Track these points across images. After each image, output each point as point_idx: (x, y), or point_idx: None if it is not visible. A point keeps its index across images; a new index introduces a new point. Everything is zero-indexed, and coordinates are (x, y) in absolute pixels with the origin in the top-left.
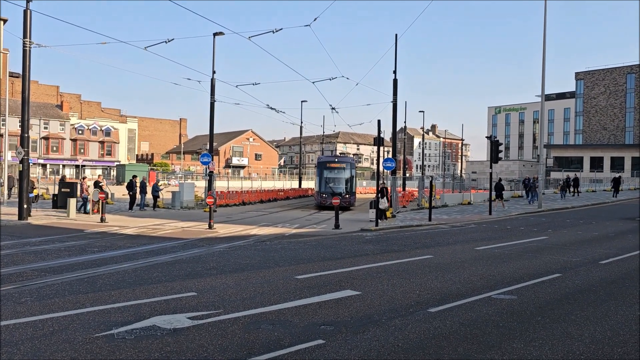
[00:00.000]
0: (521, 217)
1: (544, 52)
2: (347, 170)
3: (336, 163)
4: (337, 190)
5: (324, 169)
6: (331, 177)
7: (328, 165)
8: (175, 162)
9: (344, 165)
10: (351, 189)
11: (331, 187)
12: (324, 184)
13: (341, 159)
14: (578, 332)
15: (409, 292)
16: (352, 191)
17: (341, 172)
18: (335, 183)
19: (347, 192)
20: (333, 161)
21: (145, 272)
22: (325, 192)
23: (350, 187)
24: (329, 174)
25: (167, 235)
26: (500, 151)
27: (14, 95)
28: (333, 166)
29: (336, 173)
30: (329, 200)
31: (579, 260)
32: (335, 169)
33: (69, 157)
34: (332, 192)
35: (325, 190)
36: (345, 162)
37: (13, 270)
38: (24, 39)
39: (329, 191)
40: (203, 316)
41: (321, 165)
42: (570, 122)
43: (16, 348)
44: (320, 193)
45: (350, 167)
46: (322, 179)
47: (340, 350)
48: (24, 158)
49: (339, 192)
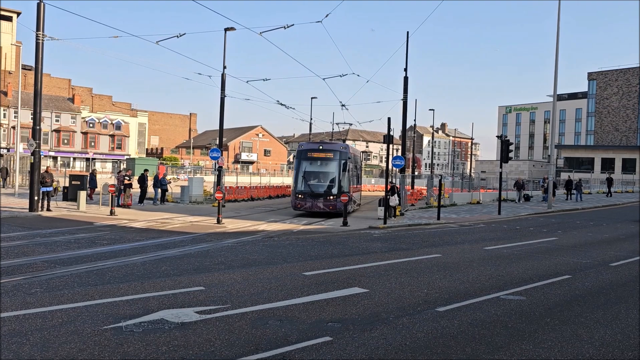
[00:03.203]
0: (530, 217)
1: (556, 52)
2: (335, 161)
3: (320, 151)
4: (318, 190)
5: (303, 160)
6: (312, 170)
7: (309, 155)
8: (184, 157)
9: (330, 154)
10: (341, 188)
11: (310, 186)
12: (301, 181)
13: (328, 146)
14: (588, 335)
15: (416, 291)
16: (343, 190)
17: (327, 163)
18: (318, 179)
19: (335, 191)
20: (316, 149)
21: (153, 266)
22: (303, 192)
23: (340, 184)
24: (310, 166)
25: (176, 230)
26: (510, 151)
27: (27, 88)
28: (315, 156)
29: (319, 165)
30: (307, 203)
31: (589, 262)
32: (319, 160)
33: (80, 150)
34: (312, 192)
35: (302, 190)
36: (333, 150)
37: (23, 261)
38: (37, 32)
39: (307, 191)
40: (210, 311)
41: (300, 154)
42: (582, 122)
43: (25, 338)
44: (296, 193)
45: (340, 156)
46: (300, 173)
47: (348, 348)
48: (36, 150)
49: (322, 191)
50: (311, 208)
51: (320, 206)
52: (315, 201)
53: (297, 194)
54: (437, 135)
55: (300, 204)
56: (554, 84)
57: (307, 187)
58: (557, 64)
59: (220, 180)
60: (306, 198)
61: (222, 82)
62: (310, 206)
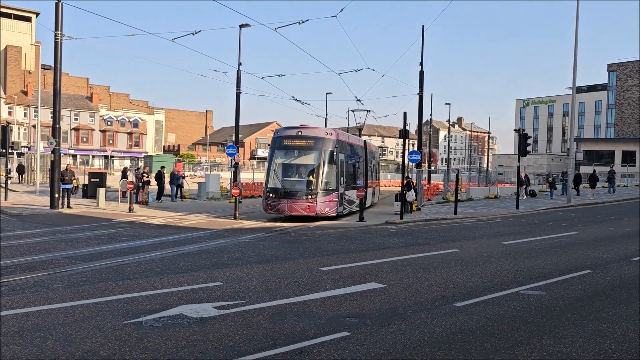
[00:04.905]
0: (549, 212)
1: (575, 43)
2: (317, 151)
3: (298, 139)
4: (293, 187)
5: (277, 149)
6: (288, 163)
7: (285, 143)
8: (201, 154)
9: (311, 142)
10: (326, 185)
11: (284, 183)
12: (273, 176)
13: (308, 132)
14: (610, 330)
15: (434, 286)
16: (328, 189)
17: (307, 154)
18: (294, 174)
19: (315, 190)
20: (293, 136)
21: (172, 262)
22: (275, 191)
23: (323, 181)
24: (285, 157)
25: (194, 226)
26: (528, 144)
27: (46, 87)
28: (292, 144)
29: (297, 156)
30: (280, 204)
31: (610, 257)
32: (296, 149)
33: (98, 147)
34: (285, 190)
35: (274, 187)
36: (315, 137)
37: (45, 257)
38: (56, 32)
39: (279, 189)
40: (229, 306)
41: (275, 143)
42: (602, 115)
43: (48, 333)
44: (267, 192)
45: (324, 145)
46: (272, 166)
47: (366, 343)
48: (56, 148)
49: (298, 190)
50: (284, 210)
51: (296, 208)
52: (289, 202)
53: (268, 193)
54: (454, 129)
55: (271, 206)
56: (573, 76)
57: (280, 184)
58: (576, 56)
59: (236, 176)
60: (279, 198)
61: (238, 79)
62: (284, 208)
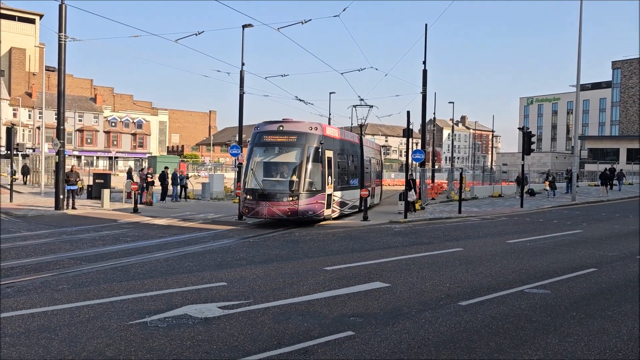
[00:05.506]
0: (554, 210)
1: (579, 41)
2: (299, 147)
3: (279, 134)
4: (273, 188)
5: (257, 146)
6: (267, 161)
7: (265, 140)
8: (205, 154)
9: (293, 137)
10: (311, 185)
11: (263, 183)
12: (251, 176)
13: (291, 127)
14: (615, 329)
15: (438, 285)
16: (313, 189)
17: (288, 151)
18: (274, 174)
19: (297, 191)
20: (274, 131)
21: (176, 262)
22: (252, 192)
23: (307, 181)
24: (265, 154)
25: (198, 226)
26: (532, 143)
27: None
28: (273, 140)
29: (278, 153)
30: (258, 207)
31: (616, 255)
32: (277, 146)
33: (103, 149)
34: (264, 191)
35: (252, 188)
36: (298, 132)
37: (51, 258)
38: (59, 34)
39: (257, 189)
40: (233, 306)
41: (254, 139)
42: (606, 112)
43: (54, 334)
44: (245, 193)
45: (308, 141)
46: (251, 164)
47: (370, 342)
48: (60, 150)
49: (278, 191)
50: (263, 214)
51: (276, 211)
52: (268, 205)
53: (246, 195)
54: (457, 128)
55: (248, 209)
56: (577, 74)
57: (258, 185)
58: (580, 53)
59: (240, 176)
60: (257, 200)
61: (241, 79)
62: (262, 211)
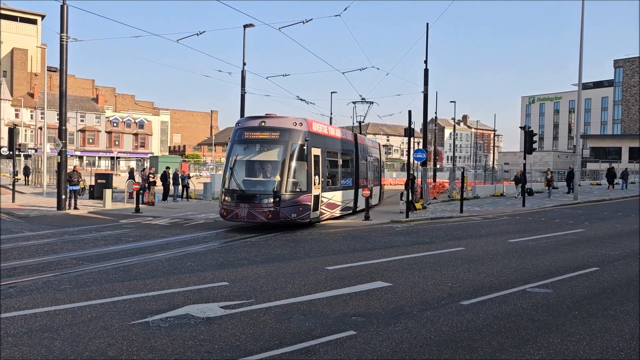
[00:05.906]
0: (556, 209)
1: (581, 39)
2: (282, 145)
3: (261, 131)
4: (253, 189)
5: (237, 144)
6: (248, 159)
7: (246, 136)
8: (206, 154)
9: (276, 134)
10: (295, 185)
11: (243, 184)
12: (230, 176)
13: (273, 122)
14: (617, 328)
15: (440, 284)
16: (297, 189)
17: (270, 148)
18: (255, 173)
19: (279, 192)
20: (255, 127)
21: (178, 262)
22: (231, 193)
23: (290, 181)
24: (245, 152)
25: (200, 226)
26: (534, 142)
27: (52, 89)
28: (254, 137)
29: (259, 151)
30: (237, 209)
31: (618, 254)
32: (258, 144)
33: (105, 149)
34: (243, 192)
35: (231, 189)
36: (281, 128)
37: (53, 258)
38: (61, 34)
39: (237, 190)
40: (235, 306)
41: (235, 135)
42: (608, 111)
43: (57, 334)
44: (223, 194)
45: (292, 137)
46: (230, 163)
47: (372, 342)
48: (62, 150)
49: (258, 191)
50: (242, 217)
51: (255, 214)
52: (247, 207)
53: (224, 196)
54: (459, 127)
55: (226, 211)
56: (579, 72)
57: (236, 186)
58: (582, 52)
59: None
60: (236, 202)
61: (242, 79)
62: (241, 214)
